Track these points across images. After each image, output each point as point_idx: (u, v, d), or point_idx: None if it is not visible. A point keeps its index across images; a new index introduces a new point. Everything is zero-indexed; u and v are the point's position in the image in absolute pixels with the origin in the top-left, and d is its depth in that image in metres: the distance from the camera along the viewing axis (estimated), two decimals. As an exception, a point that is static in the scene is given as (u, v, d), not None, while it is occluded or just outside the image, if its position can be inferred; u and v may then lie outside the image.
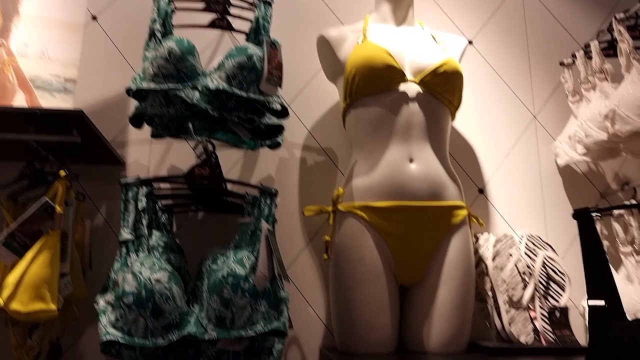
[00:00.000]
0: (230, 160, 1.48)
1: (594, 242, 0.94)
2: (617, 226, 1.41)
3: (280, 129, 1.34)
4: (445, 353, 1.25)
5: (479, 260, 1.39)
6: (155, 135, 1.32)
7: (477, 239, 1.42)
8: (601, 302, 0.91)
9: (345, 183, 1.37)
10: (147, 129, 1.31)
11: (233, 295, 1.07)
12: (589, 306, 0.93)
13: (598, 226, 1.46)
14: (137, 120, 1.30)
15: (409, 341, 1.29)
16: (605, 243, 1.47)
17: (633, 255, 1.36)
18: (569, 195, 1.58)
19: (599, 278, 0.93)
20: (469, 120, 1.61)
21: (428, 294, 1.28)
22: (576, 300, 1.41)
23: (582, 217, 0.98)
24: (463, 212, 1.32)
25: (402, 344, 1.30)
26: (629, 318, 1.33)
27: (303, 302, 1.45)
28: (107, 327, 1.06)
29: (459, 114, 1.49)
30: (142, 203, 1.22)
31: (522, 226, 1.52)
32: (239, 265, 1.10)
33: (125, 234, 1.17)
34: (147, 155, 1.48)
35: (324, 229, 1.38)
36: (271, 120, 1.30)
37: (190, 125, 1.24)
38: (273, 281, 1.13)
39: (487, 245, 1.40)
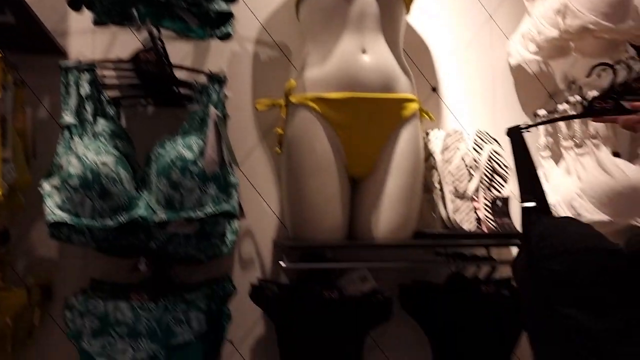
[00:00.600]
0: (179, 54, 1.43)
1: (524, 155, 1.08)
2: (560, 122, 1.46)
3: (230, 17, 1.29)
4: (392, 239, 1.31)
5: (429, 155, 1.42)
6: (97, 22, 1.25)
7: (427, 134, 1.45)
8: (532, 204, 1.04)
9: (298, 75, 1.36)
10: (88, 18, 1.23)
11: (182, 178, 1.07)
12: (522, 207, 1.06)
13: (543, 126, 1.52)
14: (76, 4, 1.22)
15: (359, 229, 1.34)
16: (550, 140, 1.53)
17: (573, 149, 1.42)
18: (519, 95, 1.61)
19: (529, 184, 1.07)
20: (425, 19, 1.58)
21: (377, 184, 1.32)
22: (517, 192, 1.47)
23: (513, 135, 1.11)
24: (414, 106, 1.33)
25: (352, 232, 1.35)
26: (565, 207, 1.42)
27: (257, 197, 1.47)
28: (53, 209, 1.06)
29: (415, 12, 1.46)
30: (85, 89, 1.17)
31: (473, 124, 1.56)
32: (187, 150, 1.10)
33: (67, 118, 1.13)
34: (91, 46, 1.41)
35: (277, 124, 1.37)
36: (220, 6, 1.25)
37: (134, 11, 1.18)
38: (222, 166, 1.13)
39: (436, 140, 1.43)
